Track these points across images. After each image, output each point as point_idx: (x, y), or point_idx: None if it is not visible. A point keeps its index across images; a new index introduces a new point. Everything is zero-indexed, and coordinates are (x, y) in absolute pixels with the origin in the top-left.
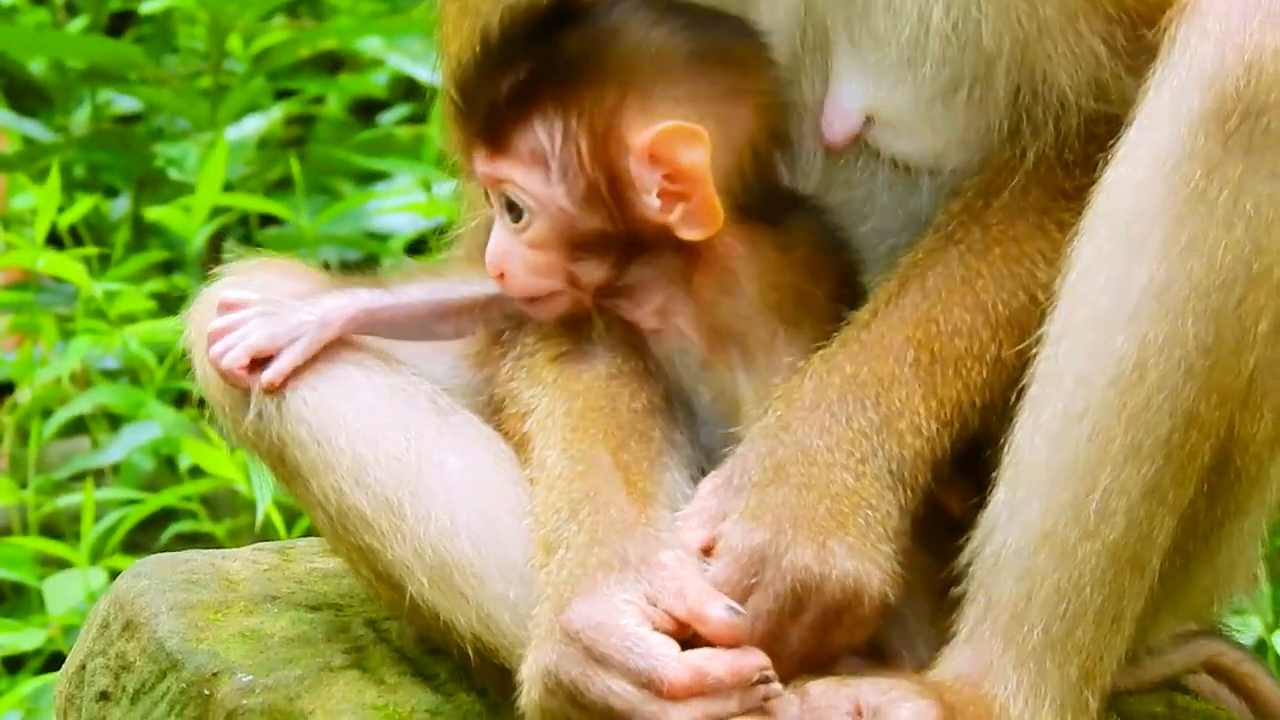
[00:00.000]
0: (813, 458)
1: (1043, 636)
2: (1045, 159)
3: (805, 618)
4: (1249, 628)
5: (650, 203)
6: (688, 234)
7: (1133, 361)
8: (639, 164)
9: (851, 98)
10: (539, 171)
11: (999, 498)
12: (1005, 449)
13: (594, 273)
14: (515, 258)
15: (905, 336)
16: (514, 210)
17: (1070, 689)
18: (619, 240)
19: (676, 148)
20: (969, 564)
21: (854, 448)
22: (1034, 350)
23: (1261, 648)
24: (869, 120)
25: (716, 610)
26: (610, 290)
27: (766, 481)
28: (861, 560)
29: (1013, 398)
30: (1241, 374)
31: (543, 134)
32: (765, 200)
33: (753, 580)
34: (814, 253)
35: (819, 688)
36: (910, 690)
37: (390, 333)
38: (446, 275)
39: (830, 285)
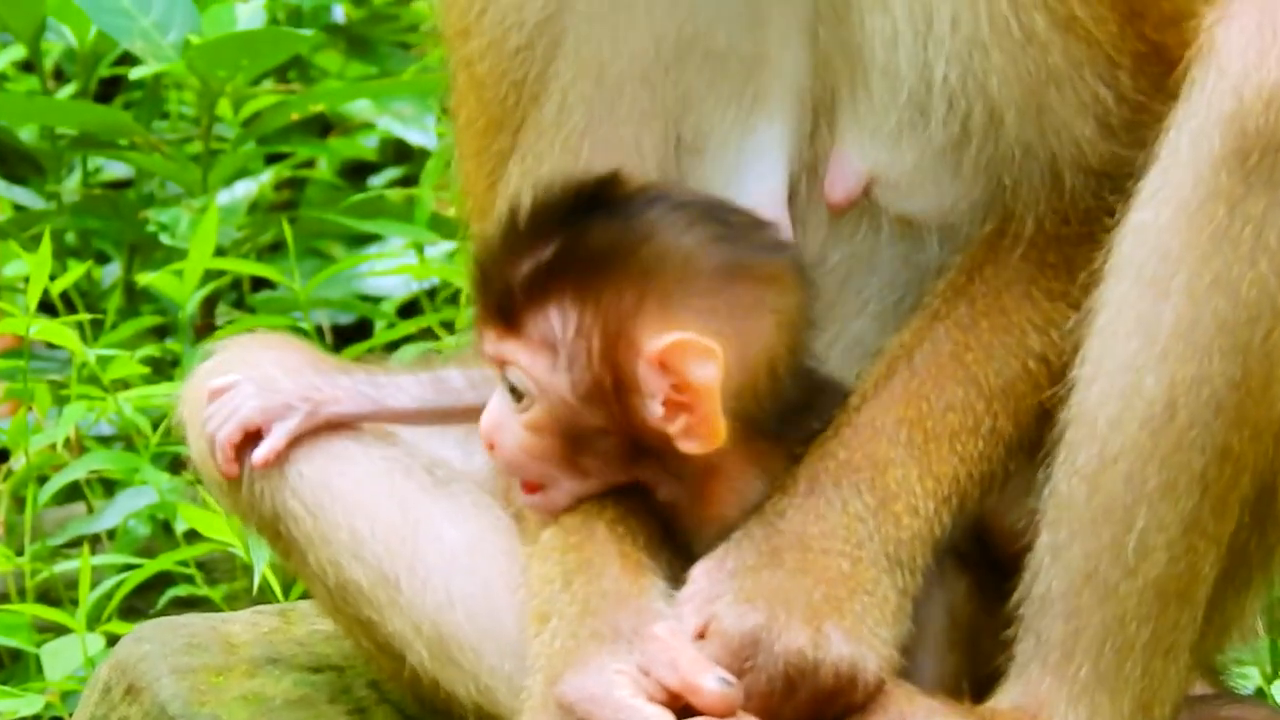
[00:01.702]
0: (808, 544)
1: (1091, 672)
2: (1041, 229)
3: (797, 700)
4: (1247, 679)
5: (654, 410)
6: (686, 446)
7: (1163, 403)
8: (648, 369)
9: (855, 159)
10: (546, 358)
11: (1042, 541)
12: (1045, 492)
13: (591, 464)
14: (509, 434)
15: (897, 417)
16: (516, 392)
17: None
18: (616, 439)
19: (688, 360)
20: (1018, 606)
21: (850, 533)
22: (1054, 401)
23: (1259, 698)
24: (873, 180)
25: (709, 682)
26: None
27: (761, 565)
28: (858, 645)
29: (1013, 467)
30: (1274, 406)
31: (556, 322)
32: (777, 415)
33: (745, 664)
34: None
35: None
36: (955, 712)
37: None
38: (448, 375)
39: None
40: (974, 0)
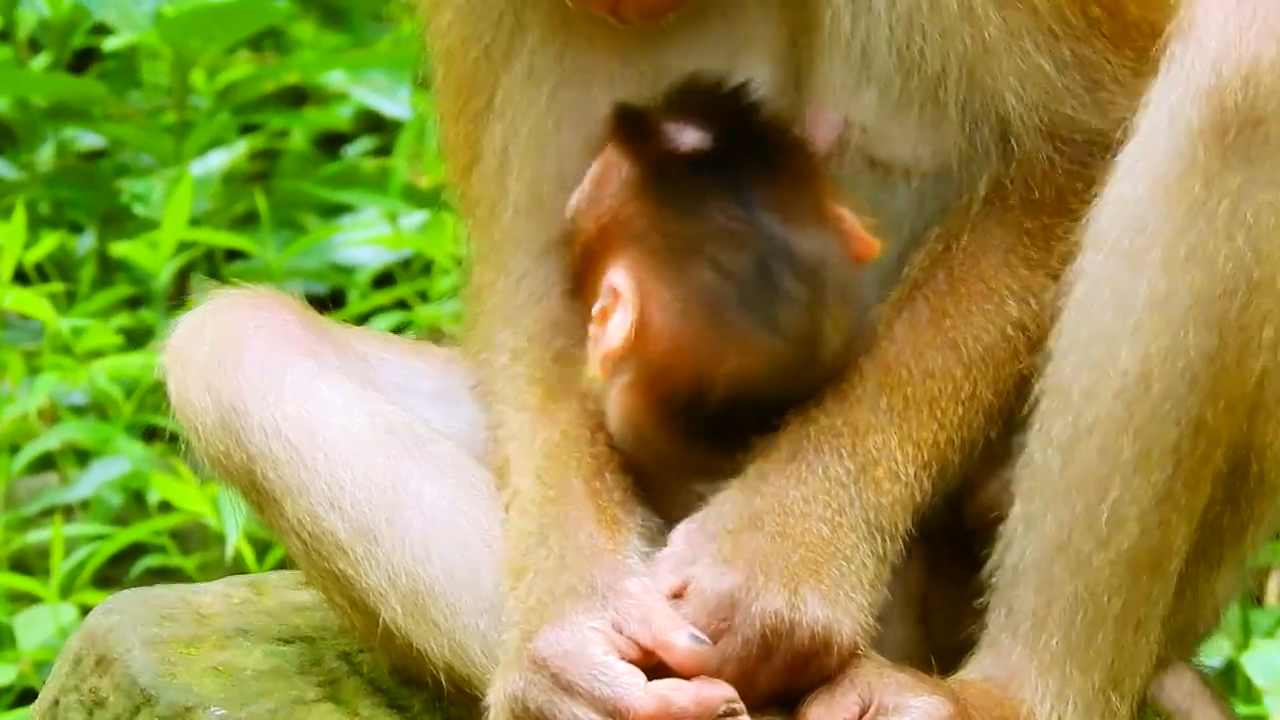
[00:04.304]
0: (789, 508)
1: (1063, 644)
2: (1004, 196)
3: (773, 662)
4: (1218, 650)
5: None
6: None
7: (1137, 374)
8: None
9: (829, 108)
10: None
11: (1015, 511)
12: (1020, 462)
13: None
14: None
15: (878, 382)
16: None
17: (1096, 694)
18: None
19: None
20: (990, 576)
21: (831, 498)
22: (1033, 371)
23: (1230, 670)
24: (848, 126)
25: (681, 639)
26: None
27: (741, 529)
28: (833, 609)
29: (993, 435)
30: (1248, 381)
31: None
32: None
33: (722, 624)
34: None
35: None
36: (924, 686)
37: None
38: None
39: None
40: None
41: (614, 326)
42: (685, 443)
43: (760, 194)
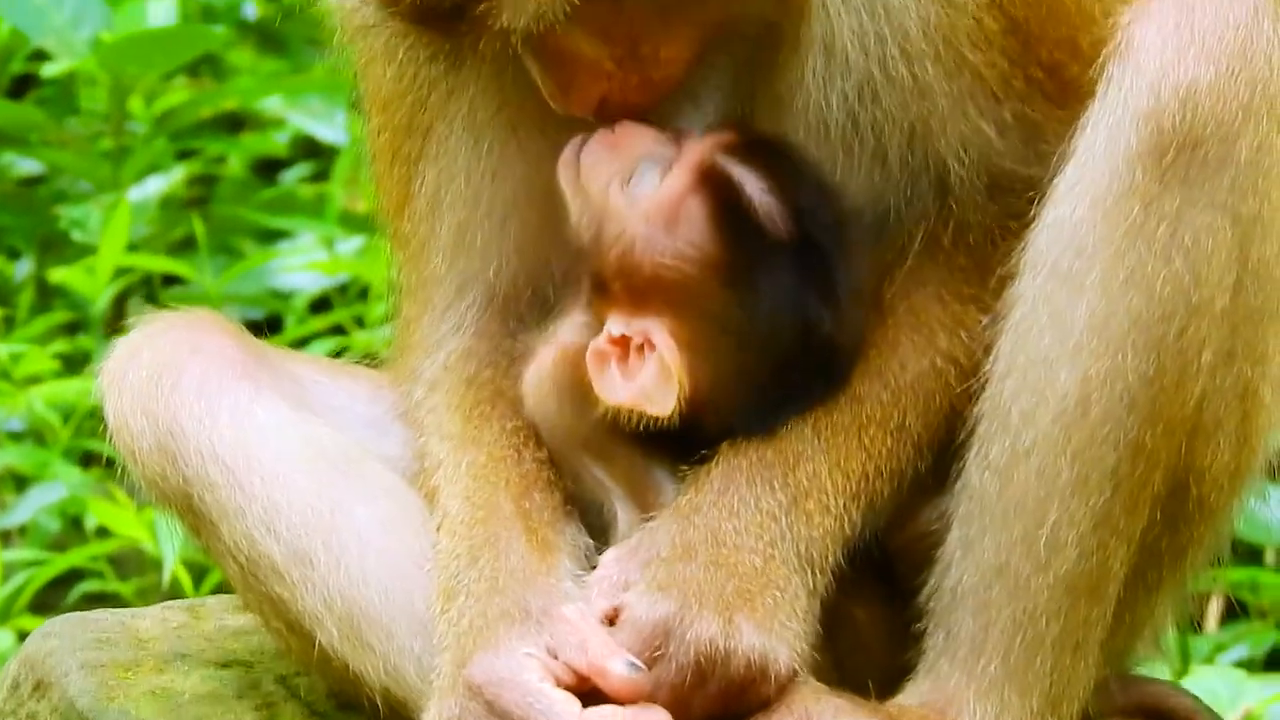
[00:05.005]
0: (722, 540)
1: (1001, 667)
2: (938, 237)
3: (708, 689)
4: (1157, 674)
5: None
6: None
7: (1075, 397)
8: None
9: None
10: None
11: (953, 535)
12: (957, 487)
13: None
14: None
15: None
16: None
17: (1034, 718)
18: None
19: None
20: (928, 600)
21: (763, 531)
22: (965, 404)
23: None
24: None
25: (617, 666)
26: None
27: (675, 558)
28: (768, 636)
29: (923, 468)
30: (1187, 404)
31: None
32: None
33: (656, 652)
34: None
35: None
36: (862, 711)
37: None
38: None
39: None
40: (866, 51)
41: (652, 384)
42: (600, 432)
43: (823, 292)
